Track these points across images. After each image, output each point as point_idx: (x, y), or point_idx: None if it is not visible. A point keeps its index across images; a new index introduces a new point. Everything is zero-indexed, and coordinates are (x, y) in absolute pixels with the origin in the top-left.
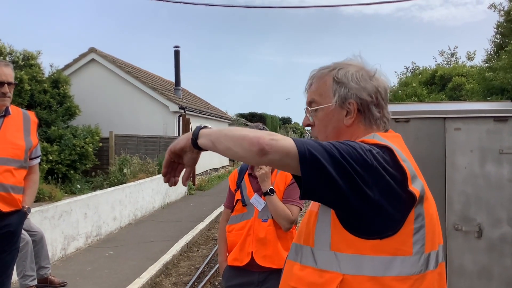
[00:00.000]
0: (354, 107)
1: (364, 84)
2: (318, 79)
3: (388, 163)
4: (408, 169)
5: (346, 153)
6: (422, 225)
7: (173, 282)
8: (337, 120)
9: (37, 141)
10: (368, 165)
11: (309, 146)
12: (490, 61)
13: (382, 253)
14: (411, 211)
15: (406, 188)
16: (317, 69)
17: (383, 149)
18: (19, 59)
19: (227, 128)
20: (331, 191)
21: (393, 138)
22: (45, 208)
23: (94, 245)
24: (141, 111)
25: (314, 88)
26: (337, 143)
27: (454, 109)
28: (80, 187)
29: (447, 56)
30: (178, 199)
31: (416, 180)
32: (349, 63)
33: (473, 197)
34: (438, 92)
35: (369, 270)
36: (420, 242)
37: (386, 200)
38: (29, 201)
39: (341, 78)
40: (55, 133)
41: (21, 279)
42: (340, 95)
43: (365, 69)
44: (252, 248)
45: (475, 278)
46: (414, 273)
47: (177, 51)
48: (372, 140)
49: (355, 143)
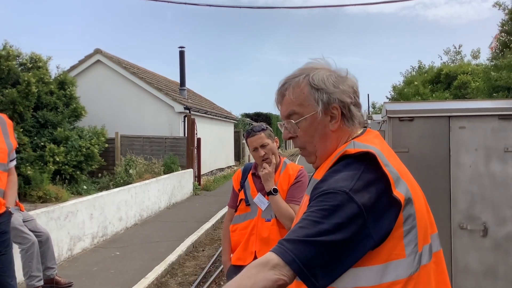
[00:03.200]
0: (338, 111)
1: (342, 86)
2: (293, 89)
3: (370, 183)
4: (391, 173)
5: (333, 227)
6: (413, 226)
7: (179, 282)
8: (322, 127)
9: (16, 143)
10: (353, 211)
11: (296, 258)
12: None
13: (376, 262)
14: (399, 215)
15: (390, 194)
16: (284, 80)
17: (363, 163)
18: (27, 61)
19: None
20: (339, 269)
21: (373, 140)
22: (51, 209)
23: (100, 246)
24: (147, 111)
25: (291, 99)
26: (320, 219)
27: (459, 107)
28: (86, 188)
29: (452, 54)
30: (184, 199)
31: (400, 182)
32: (316, 66)
33: (478, 196)
34: (444, 90)
35: (366, 281)
36: (412, 242)
37: (380, 219)
38: (11, 202)
39: (319, 84)
40: (62, 135)
41: (27, 280)
42: (323, 102)
43: (335, 71)
44: (256, 247)
45: (480, 277)
46: (411, 274)
47: (182, 52)
48: (355, 149)
49: (335, 202)
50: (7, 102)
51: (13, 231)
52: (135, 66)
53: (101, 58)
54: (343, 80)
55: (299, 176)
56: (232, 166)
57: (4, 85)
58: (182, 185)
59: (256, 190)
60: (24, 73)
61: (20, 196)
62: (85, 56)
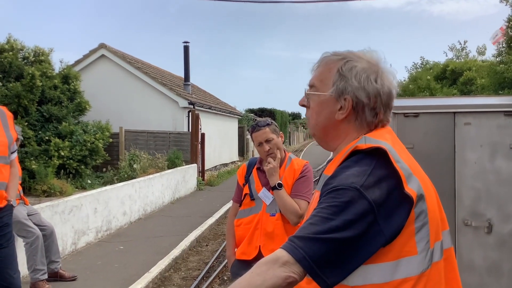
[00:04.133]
0: (349, 103)
1: (366, 85)
2: (325, 64)
3: (381, 179)
4: (402, 169)
5: (342, 224)
6: (425, 222)
7: (182, 277)
8: (329, 112)
9: (16, 135)
10: (364, 208)
11: (307, 255)
12: (500, 55)
13: (387, 259)
14: (411, 212)
15: (402, 191)
16: (330, 53)
17: (375, 158)
18: (30, 55)
19: None
20: (350, 267)
21: (384, 135)
22: (55, 203)
23: (104, 240)
24: (151, 106)
25: (318, 72)
26: (330, 214)
27: (464, 103)
28: (91, 182)
29: (457, 50)
30: (188, 194)
31: (412, 179)
32: (362, 56)
33: (483, 193)
34: (449, 86)
35: (377, 278)
36: (424, 239)
37: (392, 216)
38: (13, 195)
39: (345, 71)
40: (66, 129)
41: (31, 273)
42: (338, 88)
43: (375, 69)
44: (260, 242)
45: (484, 274)
46: (422, 271)
47: (186, 47)
48: (366, 145)
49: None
50: (12, 95)
51: (18, 225)
52: (139, 61)
53: (105, 52)
54: (374, 80)
55: (304, 171)
56: (236, 162)
57: (8, 78)
58: (186, 180)
59: (261, 185)
60: (27, 67)
61: (25, 190)
62: (89, 51)
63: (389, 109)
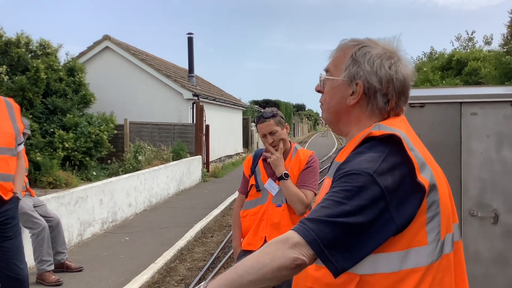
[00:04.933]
0: (360, 88)
1: (379, 70)
2: (341, 50)
3: (395, 166)
4: (416, 158)
5: (352, 209)
6: (436, 213)
7: (188, 268)
8: (341, 96)
9: (23, 127)
10: (376, 194)
11: (318, 237)
12: (506, 45)
13: (397, 249)
14: (423, 202)
15: (414, 180)
16: (348, 40)
17: (389, 145)
18: (37, 48)
19: (241, 274)
20: (360, 253)
21: (398, 123)
22: (61, 195)
23: (109, 231)
24: (155, 98)
25: (334, 57)
26: (342, 197)
27: (471, 93)
28: (96, 174)
29: (463, 40)
30: (193, 186)
31: (425, 168)
32: (379, 43)
33: (489, 183)
34: (454, 77)
35: (386, 267)
36: (435, 230)
37: (404, 205)
38: (19, 187)
39: (359, 56)
40: (71, 121)
41: (38, 264)
42: (350, 72)
43: (390, 55)
44: (266, 232)
45: (490, 264)
46: (432, 262)
47: (190, 38)
48: (380, 132)
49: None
50: (17, 88)
51: (24, 216)
52: (143, 52)
53: (109, 44)
54: (388, 66)
55: (310, 161)
56: (240, 153)
57: (14, 71)
58: (190, 172)
59: (267, 176)
60: (33, 60)
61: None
62: (94, 43)
63: (403, 97)
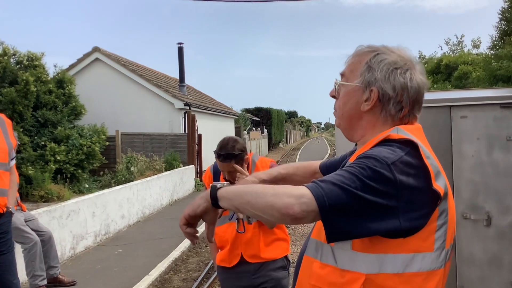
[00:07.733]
0: (375, 95)
1: (392, 77)
2: (357, 56)
3: (411, 166)
4: (432, 166)
5: (366, 179)
6: (445, 221)
7: (182, 278)
8: (355, 102)
9: (16, 142)
10: (389, 181)
11: (326, 195)
12: (495, 47)
13: (404, 251)
14: (435, 209)
15: (430, 187)
16: (365, 46)
17: (407, 148)
18: (23, 59)
19: (247, 191)
20: (358, 229)
21: (415, 131)
22: (53, 208)
23: (103, 244)
24: (147, 109)
25: (350, 63)
26: (358, 170)
27: (460, 96)
28: (88, 186)
29: (452, 44)
30: (186, 195)
31: (440, 176)
32: (395, 50)
33: (481, 185)
34: (444, 81)
35: (391, 268)
36: (441, 238)
37: (413, 209)
38: (12, 202)
39: (374, 63)
40: (62, 133)
41: (31, 279)
42: (365, 79)
43: (405, 63)
44: (241, 249)
45: (485, 266)
46: (434, 269)
47: (180, 48)
48: (398, 135)
49: (377, 162)
50: (6, 102)
51: (15, 231)
52: (134, 63)
53: (99, 56)
54: (401, 74)
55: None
56: None
57: (1, 83)
58: (183, 182)
59: None
60: (21, 72)
61: (22, 196)
62: (83, 55)
63: (418, 105)
